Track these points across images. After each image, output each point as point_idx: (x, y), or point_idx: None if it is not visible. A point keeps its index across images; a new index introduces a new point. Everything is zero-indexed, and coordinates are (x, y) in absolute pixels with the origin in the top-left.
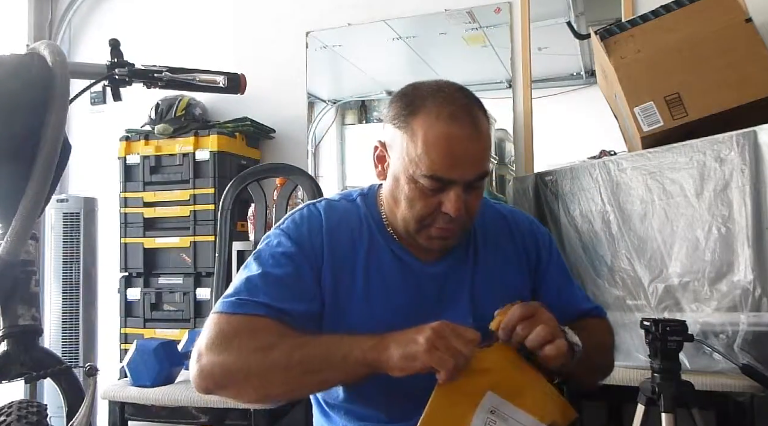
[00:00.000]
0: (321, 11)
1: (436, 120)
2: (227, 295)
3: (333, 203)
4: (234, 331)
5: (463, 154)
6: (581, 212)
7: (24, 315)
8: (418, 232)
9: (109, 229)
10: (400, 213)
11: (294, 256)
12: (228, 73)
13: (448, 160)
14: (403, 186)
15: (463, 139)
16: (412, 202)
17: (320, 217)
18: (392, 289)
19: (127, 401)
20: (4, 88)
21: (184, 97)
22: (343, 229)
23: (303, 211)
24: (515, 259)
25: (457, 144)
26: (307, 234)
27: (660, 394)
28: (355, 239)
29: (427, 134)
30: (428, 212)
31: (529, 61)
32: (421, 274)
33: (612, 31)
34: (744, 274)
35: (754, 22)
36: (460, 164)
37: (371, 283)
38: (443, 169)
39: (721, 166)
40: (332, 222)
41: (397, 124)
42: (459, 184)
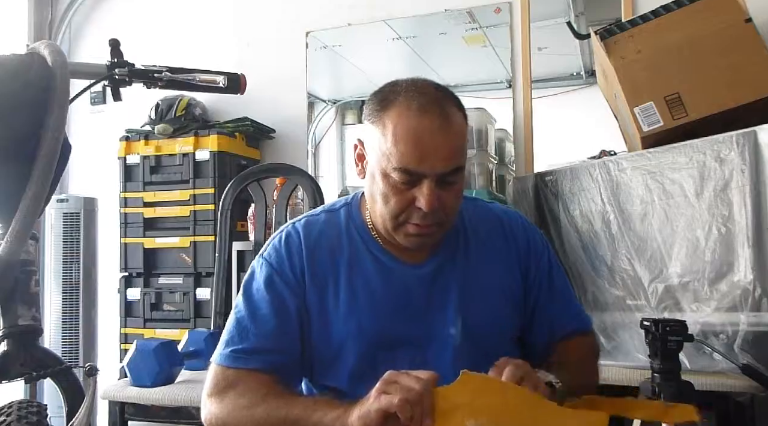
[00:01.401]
0: (321, 11)
1: (407, 112)
2: (224, 345)
3: (312, 219)
4: (227, 385)
5: (433, 147)
6: (581, 212)
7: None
8: (395, 229)
9: (109, 229)
10: (378, 211)
11: (277, 286)
12: (228, 73)
13: (417, 152)
14: (378, 182)
15: (433, 132)
16: (386, 198)
17: (298, 238)
18: (378, 297)
19: (127, 401)
20: (4, 88)
21: (184, 97)
22: (323, 245)
23: (282, 233)
24: (507, 260)
25: (427, 136)
26: (287, 258)
27: (660, 394)
28: (335, 253)
29: (396, 127)
30: (402, 208)
31: (529, 61)
32: (407, 276)
33: (612, 31)
34: (744, 274)
35: (754, 22)
36: (429, 157)
37: (357, 294)
38: (412, 161)
39: (721, 166)
40: (310, 240)
41: (371, 119)
42: (430, 177)
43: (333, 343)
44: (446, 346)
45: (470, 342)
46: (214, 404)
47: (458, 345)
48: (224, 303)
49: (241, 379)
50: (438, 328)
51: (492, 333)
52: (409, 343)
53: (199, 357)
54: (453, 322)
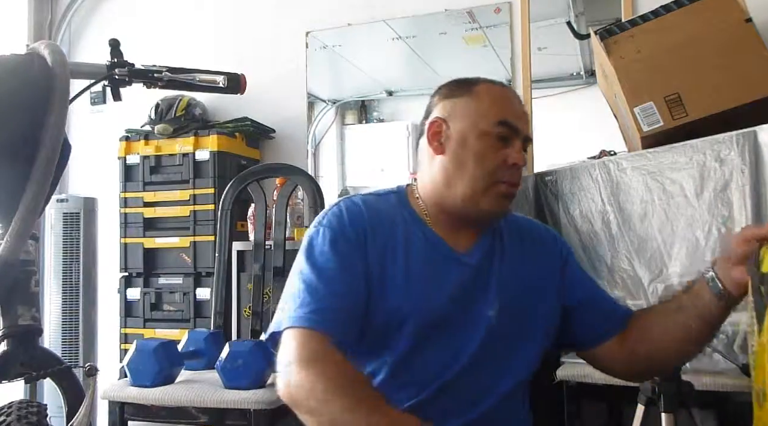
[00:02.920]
0: (321, 11)
1: (494, 85)
2: (295, 308)
3: (367, 197)
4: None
5: (522, 111)
6: (581, 212)
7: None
8: (486, 190)
9: (109, 229)
10: (467, 175)
11: (341, 246)
12: (228, 73)
13: (513, 110)
14: (471, 144)
15: (518, 101)
16: (482, 158)
17: (360, 207)
18: (428, 277)
19: (127, 401)
20: (4, 88)
21: (184, 97)
22: (383, 218)
23: (340, 205)
24: (539, 259)
25: (516, 101)
26: (348, 223)
27: (660, 394)
28: (394, 227)
29: (490, 92)
30: (497, 165)
31: (529, 61)
32: (457, 263)
33: (612, 31)
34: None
35: (754, 22)
36: (522, 117)
37: (412, 272)
38: (512, 116)
39: (721, 166)
40: (372, 212)
41: (457, 94)
42: (520, 137)
43: (387, 314)
44: (480, 327)
45: (503, 324)
46: (297, 373)
47: (492, 325)
48: (224, 303)
49: (321, 346)
50: (478, 310)
51: (524, 319)
52: (452, 324)
53: (199, 357)
54: (492, 305)
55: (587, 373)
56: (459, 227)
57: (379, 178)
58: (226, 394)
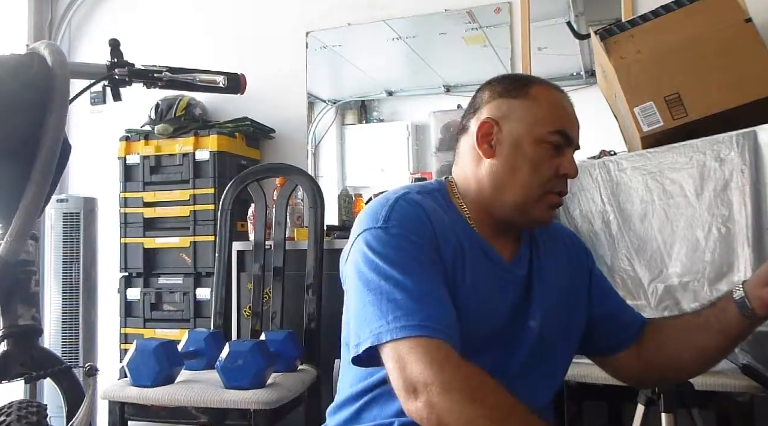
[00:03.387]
0: (321, 11)
1: (549, 87)
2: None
3: (416, 196)
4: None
5: (575, 118)
6: (581, 212)
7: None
8: (539, 200)
9: (109, 229)
10: (519, 182)
11: (422, 248)
12: (228, 73)
13: (569, 118)
14: (526, 150)
15: (572, 107)
16: (537, 166)
17: (420, 206)
18: (488, 289)
19: (127, 401)
20: (4, 88)
21: (184, 97)
22: (442, 220)
23: (400, 201)
24: (571, 266)
25: (571, 108)
26: (419, 224)
27: (660, 394)
28: (457, 235)
29: (547, 97)
30: (551, 175)
31: (529, 61)
32: (508, 275)
33: (612, 31)
34: (744, 274)
35: (754, 22)
36: (575, 125)
37: (473, 280)
38: (568, 126)
39: (721, 166)
40: (431, 212)
41: (512, 94)
42: (572, 148)
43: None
44: (524, 339)
45: (542, 336)
46: (443, 395)
47: (534, 337)
48: (224, 303)
49: (453, 360)
50: (521, 322)
51: (563, 329)
52: (499, 336)
53: (199, 357)
54: (534, 316)
55: (587, 373)
56: (500, 231)
57: (379, 178)
58: (226, 394)
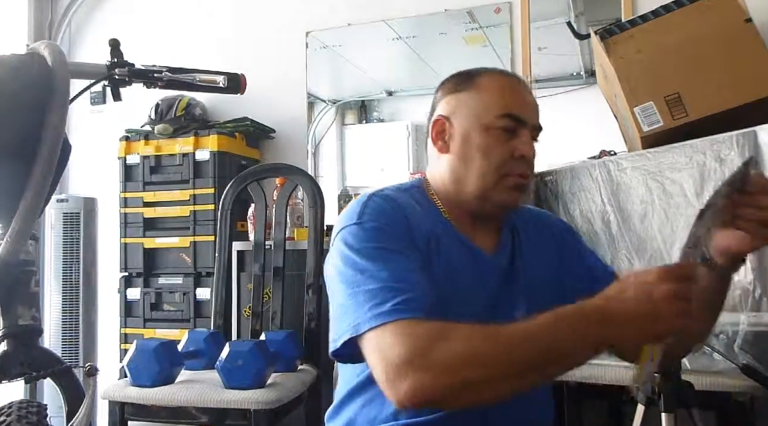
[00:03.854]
0: (321, 11)
1: (497, 74)
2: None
3: (392, 192)
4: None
5: (529, 100)
6: (581, 212)
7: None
8: (496, 184)
9: (109, 229)
10: (474, 172)
11: (397, 238)
12: (228, 73)
13: (518, 100)
14: (475, 140)
15: (524, 88)
16: (488, 152)
17: (394, 201)
18: (468, 283)
19: (127, 401)
20: (4, 88)
21: (184, 97)
22: (418, 215)
23: (374, 198)
24: (557, 254)
25: (522, 90)
26: (394, 216)
27: (660, 394)
28: (430, 225)
29: (493, 83)
30: (505, 158)
31: (529, 61)
32: (489, 266)
33: (612, 31)
34: (744, 274)
35: (754, 22)
36: (527, 107)
37: (449, 274)
38: (516, 107)
39: (721, 166)
40: (405, 205)
41: (459, 89)
42: (528, 127)
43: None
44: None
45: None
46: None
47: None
48: (224, 303)
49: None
50: (505, 313)
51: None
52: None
53: (199, 357)
54: (519, 308)
55: (587, 373)
56: (477, 223)
57: (379, 178)
58: (226, 394)
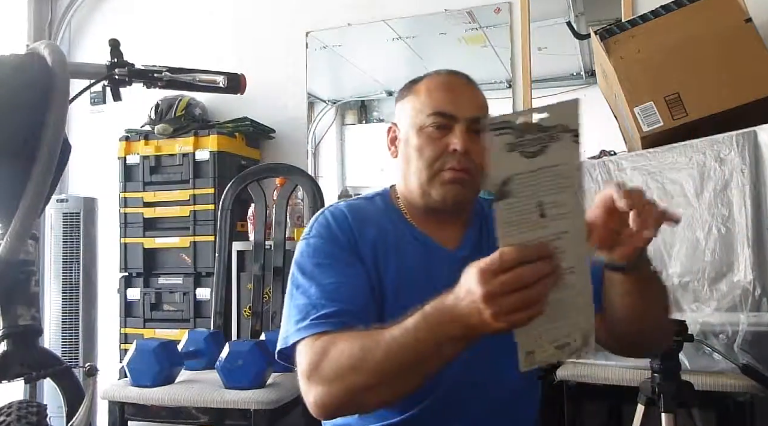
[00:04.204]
0: (321, 11)
1: (436, 76)
2: (300, 320)
3: (352, 203)
4: (322, 353)
5: (462, 94)
6: None
7: (24, 315)
8: (431, 180)
9: (109, 229)
10: (413, 171)
11: (332, 251)
12: (228, 73)
13: (449, 97)
14: (412, 141)
15: (462, 84)
16: (421, 150)
17: (345, 214)
18: (423, 279)
19: (127, 401)
20: (4, 88)
21: (184, 97)
22: (370, 223)
23: (325, 213)
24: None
25: (457, 86)
26: (336, 228)
27: (660, 394)
28: (383, 231)
29: (428, 84)
30: (437, 154)
31: (529, 61)
32: (447, 260)
33: (612, 31)
34: (744, 274)
35: (754, 22)
36: (459, 101)
37: (404, 274)
38: (445, 104)
39: (721, 166)
40: (357, 218)
41: (402, 97)
42: (462, 121)
43: (385, 320)
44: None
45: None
46: (317, 383)
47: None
48: (224, 303)
49: (330, 341)
50: None
51: None
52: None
53: (199, 357)
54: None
55: (587, 373)
56: (440, 222)
57: (379, 178)
58: (226, 394)
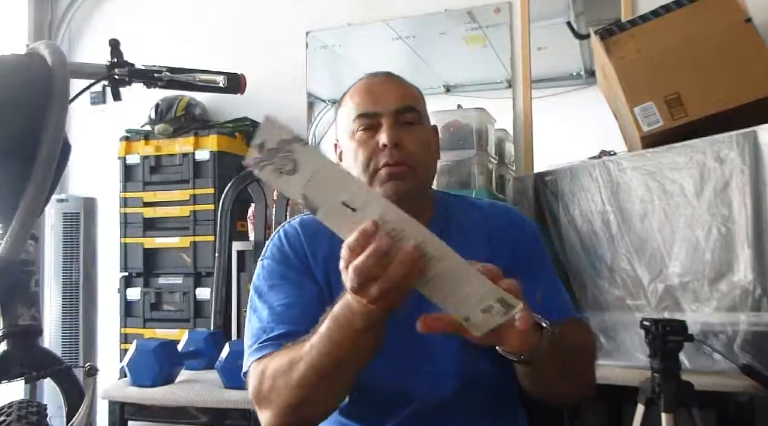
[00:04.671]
0: (321, 11)
1: (359, 81)
2: (251, 345)
3: (305, 217)
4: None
5: (383, 90)
6: (581, 212)
7: (24, 315)
8: (372, 182)
9: (109, 229)
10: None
11: (285, 272)
12: (228, 73)
13: (369, 97)
14: (348, 149)
15: (382, 82)
16: (356, 155)
17: (296, 231)
18: None
19: (127, 401)
20: (3, 88)
21: (184, 97)
22: (322, 236)
23: (279, 232)
24: (486, 251)
25: (376, 85)
26: (288, 248)
27: (660, 394)
28: (333, 244)
29: (351, 93)
30: (370, 154)
31: (529, 61)
32: None
33: (612, 31)
34: (744, 274)
35: (754, 22)
36: (380, 98)
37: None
38: (366, 105)
39: (721, 166)
40: (309, 232)
41: (336, 111)
42: (386, 116)
43: None
44: (446, 339)
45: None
46: (262, 407)
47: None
48: (224, 303)
49: (267, 363)
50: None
51: None
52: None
53: (199, 357)
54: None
55: None
56: None
57: None
58: (226, 394)
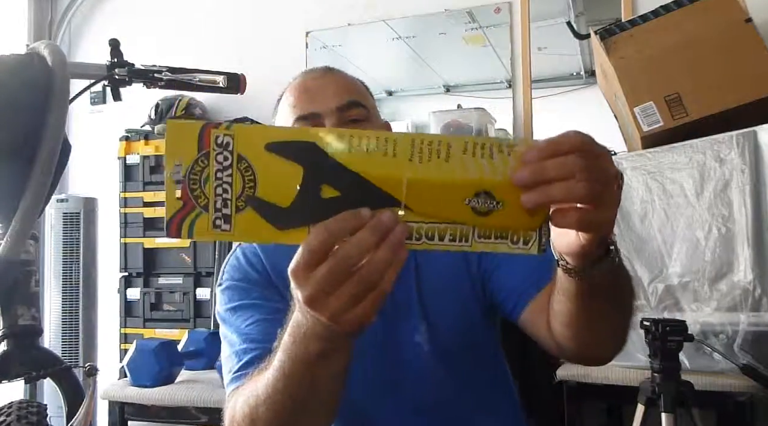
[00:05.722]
0: (321, 11)
1: (291, 83)
2: (227, 373)
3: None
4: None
5: (320, 88)
6: None
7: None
8: None
9: (109, 229)
10: None
11: (250, 292)
12: (228, 73)
13: (305, 97)
14: None
15: (317, 78)
16: None
17: (254, 248)
18: None
19: (127, 401)
20: (3, 88)
21: (184, 97)
22: (282, 252)
23: (235, 254)
24: (460, 259)
25: (310, 83)
26: (248, 267)
27: (660, 394)
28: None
29: (286, 96)
30: None
31: (529, 61)
32: None
33: (612, 31)
34: (744, 274)
35: (754, 22)
36: (318, 96)
37: None
38: (303, 106)
39: (721, 166)
40: (267, 249)
41: (273, 116)
42: (328, 115)
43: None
44: (416, 355)
45: (439, 350)
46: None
47: (427, 353)
48: None
49: (236, 397)
50: (403, 335)
51: (461, 339)
52: (378, 348)
53: (199, 357)
54: (417, 329)
55: (587, 373)
56: None
57: None
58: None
